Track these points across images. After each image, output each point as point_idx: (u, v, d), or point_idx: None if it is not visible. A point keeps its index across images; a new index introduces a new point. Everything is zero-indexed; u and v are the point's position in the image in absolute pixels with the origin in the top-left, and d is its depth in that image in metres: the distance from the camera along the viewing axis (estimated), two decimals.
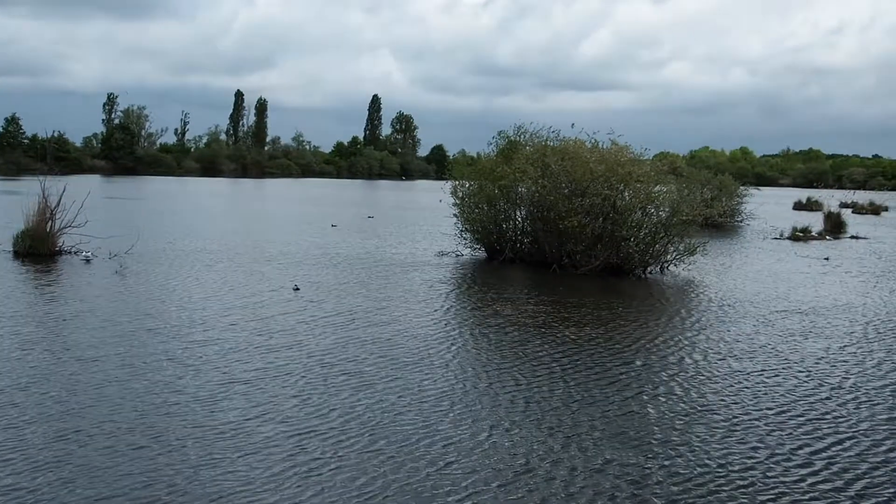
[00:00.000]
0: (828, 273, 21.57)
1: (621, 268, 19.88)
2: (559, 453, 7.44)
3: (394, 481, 6.70)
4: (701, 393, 9.61)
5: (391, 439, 7.65)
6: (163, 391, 8.88)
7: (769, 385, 10.01)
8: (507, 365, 10.60)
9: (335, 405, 8.63)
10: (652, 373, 10.54)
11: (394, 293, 15.97)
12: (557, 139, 22.33)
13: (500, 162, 22.23)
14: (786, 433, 8.20)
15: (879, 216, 54.63)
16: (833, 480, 7.03)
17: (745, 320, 14.27)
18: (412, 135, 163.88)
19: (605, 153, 20.95)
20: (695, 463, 7.29)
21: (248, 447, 7.32)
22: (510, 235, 22.27)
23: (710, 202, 34.95)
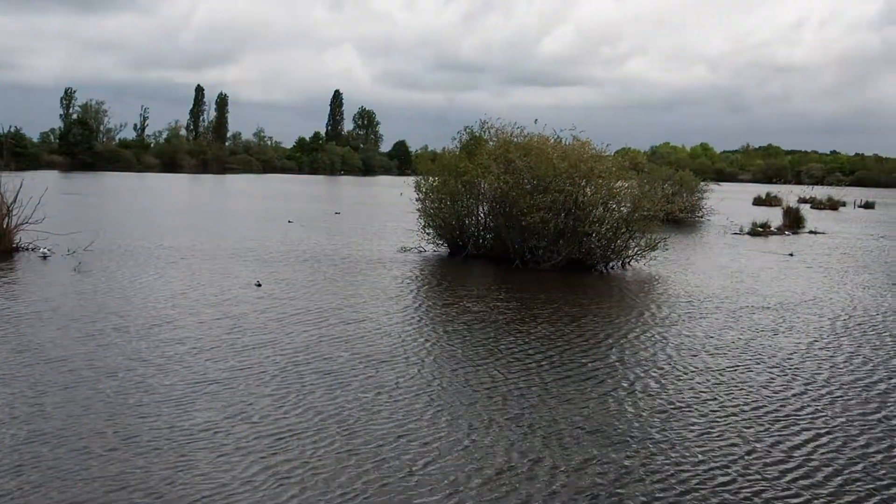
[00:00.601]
0: (793, 268, 21.76)
1: (583, 263, 19.97)
2: (539, 451, 7.41)
3: (374, 480, 6.64)
4: (677, 389, 9.62)
5: (369, 438, 7.59)
6: (134, 392, 8.74)
7: (744, 381, 10.05)
8: (482, 362, 10.57)
9: (311, 404, 8.55)
10: (627, 369, 10.55)
11: (361, 290, 15.90)
12: (521, 135, 22.36)
13: (463, 157, 22.21)
14: (763, 429, 8.24)
15: (837, 211, 55.36)
16: (813, 475, 7.07)
17: (714, 316, 14.33)
18: (374, 130, 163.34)
19: (567, 149, 21.02)
20: (675, 460, 7.29)
21: (223, 448, 7.22)
22: (473, 231, 22.28)
23: (670, 198, 35.18)
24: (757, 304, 15.56)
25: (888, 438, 8.08)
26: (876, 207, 62.82)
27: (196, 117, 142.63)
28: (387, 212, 39.36)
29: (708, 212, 41.14)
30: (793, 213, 36.81)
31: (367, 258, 20.90)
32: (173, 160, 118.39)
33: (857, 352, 11.89)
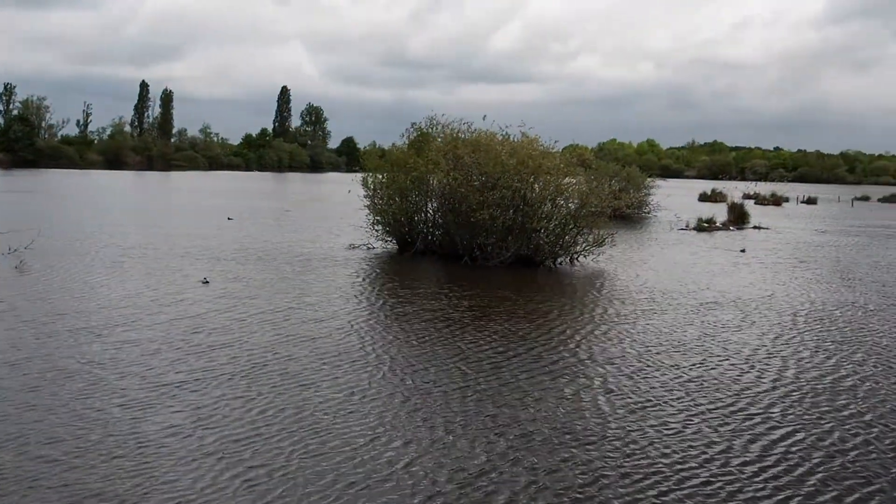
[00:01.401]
0: (745, 264, 21.92)
1: (532, 259, 20.03)
2: (518, 451, 7.33)
3: (353, 484, 6.54)
4: (650, 386, 9.57)
5: (345, 439, 7.48)
6: (96, 396, 8.52)
7: (713, 377, 10.07)
8: (450, 361, 10.49)
9: (281, 405, 8.41)
10: (596, 366, 10.51)
11: (317, 288, 15.76)
12: (470, 131, 22.37)
13: (411, 154, 22.16)
14: (737, 426, 8.23)
15: (781, 207, 56.20)
16: (792, 471, 7.11)
17: (673, 312, 14.37)
18: (322, 127, 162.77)
19: (516, 145, 21.06)
20: (652, 459, 7.23)
21: (191, 453, 7.05)
22: (422, 228, 22.24)
23: (618, 194, 35.39)
24: (714, 300, 15.64)
25: (861, 434, 8.11)
26: (818, 203, 63.93)
27: (141, 113, 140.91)
28: (335, 209, 39.11)
29: (654, 208, 41.56)
30: (737, 209, 37.29)
31: (317, 255, 20.76)
32: (117, 157, 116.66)
33: (821, 346, 12.00)
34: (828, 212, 53.58)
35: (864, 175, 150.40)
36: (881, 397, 9.42)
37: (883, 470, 7.18)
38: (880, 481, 6.93)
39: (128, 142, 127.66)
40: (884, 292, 17.53)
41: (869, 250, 27.00)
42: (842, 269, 21.38)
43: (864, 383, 9.99)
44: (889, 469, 7.20)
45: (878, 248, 28.22)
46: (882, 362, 11.12)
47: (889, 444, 7.84)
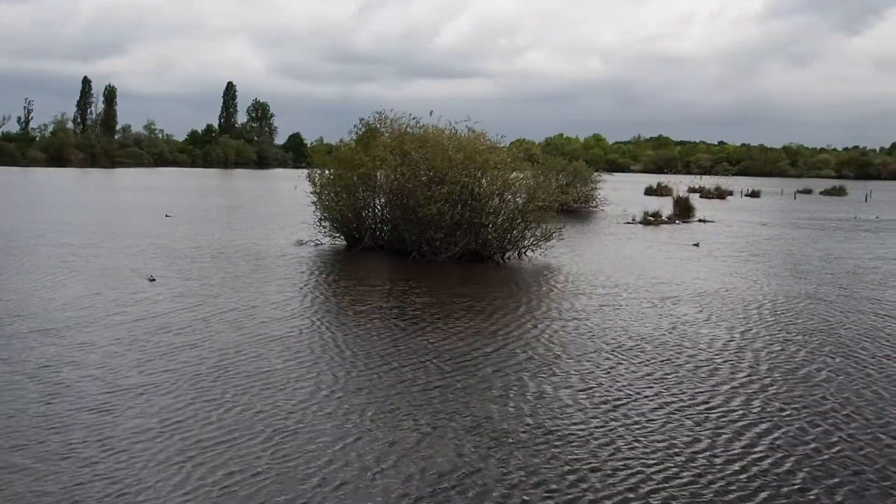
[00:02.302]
0: (701, 258, 22.00)
1: (480, 254, 20.06)
2: (495, 452, 7.21)
3: (326, 482, 6.45)
4: (618, 385, 9.46)
5: (316, 440, 7.37)
6: (61, 399, 8.29)
7: (687, 372, 10.04)
8: (414, 358, 10.38)
9: (249, 406, 8.27)
10: (561, 362, 10.42)
11: (273, 286, 15.53)
12: (417, 126, 22.32)
13: (358, 150, 22.07)
14: (717, 422, 8.18)
15: (725, 200, 56.93)
16: (779, 466, 7.08)
17: (637, 306, 14.36)
18: (269, 123, 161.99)
19: (463, 141, 21.07)
20: (630, 458, 7.16)
21: (160, 457, 6.87)
22: (369, 224, 22.16)
23: (565, 188, 35.59)
24: (675, 294, 15.67)
25: (843, 427, 8.12)
26: (762, 196, 64.86)
27: (83, 110, 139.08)
28: (282, 205, 38.85)
29: (601, 202, 41.85)
30: (683, 203, 37.69)
31: (267, 252, 20.61)
32: (60, 154, 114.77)
33: (790, 339, 12.06)
34: (772, 205, 54.35)
35: (805, 168, 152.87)
36: (856, 390, 9.45)
37: (868, 462, 7.22)
38: (868, 474, 6.95)
39: (70, 139, 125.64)
40: (837, 283, 17.80)
41: (819, 243, 27.37)
42: (795, 262, 21.63)
43: (837, 376, 10.04)
44: (874, 462, 7.23)
45: (827, 240, 28.63)
46: (849, 354, 11.22)
47: (871, 437, 7.88)
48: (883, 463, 7.20)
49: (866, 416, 8.49)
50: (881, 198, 66.86)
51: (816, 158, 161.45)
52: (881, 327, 13.04)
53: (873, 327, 13.03)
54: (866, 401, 9.02)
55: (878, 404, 8.91)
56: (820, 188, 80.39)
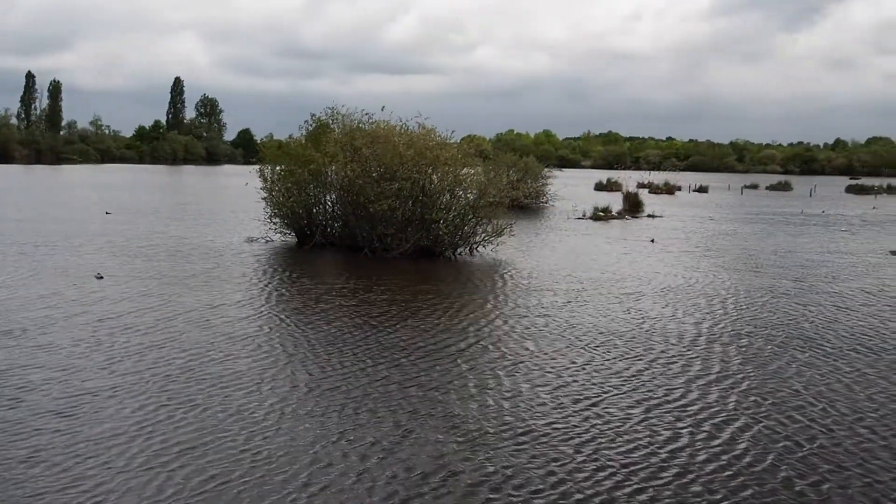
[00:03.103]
0: (657, 253, 22.06)
1: (432, 250, 20.07)
2: (477, 451, 7.11)
3: (306, 486, 6.34)
4: (595, 380, 9.43)
5: (296, 441, 7.25)
6: (26, 403, 8.05)
7: (660, 367, 10.03)
8: (390, 357, 10.23)
9: (224, 407, 8.11)
10: (536, 358, 10.35)
11: (229, 285, 15.25)
12: (369, 122, 22.25)
13: (309, 146, 21.96)
14: (694, 418, 8.14)
15: (674, 196, 57.48)
16: (763, 460, 7.10)
17: (600, 302, 14.35)
18: (218, 118, 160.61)
19: (413, 136, 21.05)
20: (612, 455, 7.12)
21: (131, 463, 6.65)
22: (321, 220, 22.07)
23: (516, 184, 35.71)
24: (638, 290, 15.70)
25: (819, 422, 8.14)
26: (710, 191, 65.60)
27: (27, 105, 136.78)
28: (232, 201, 38.53)
29: (552, 197, 42.04)
30: (632, 198, 38.04)
31: (219, 249, 20.40)
32: (4, 150, 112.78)
33: (756, 332, 12.15)
34: (720, 200, 54.93)
35: (752, 164, 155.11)
36: (827, 383, 9.54)
37: (848, 455, 7.27)
38: (850, 468, 6.98)
39: (14, 135, 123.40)
40: (793, 277, 18.08)
41: (771, 238, 27.68)
42: (749, 257, 21.84)
43: (807, 369, 10.12)
44: (854, 455, 7.29)
45: (779, 235, 28.99)
46: (816, 347, 11.35)
47: (847, 430, 7.95)
48: (863, 455, 7.27)
49: (840, 409, 8.57)
50: (825, 193, 67.90)
51: (762, 154, 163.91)
52: (842, 320, 13.26)
53: (834, 320, 13.24)
54: (839, 394, 9.13)
55: (851, 397, 9.03)
56: (766, 183, 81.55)
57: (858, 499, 6.42)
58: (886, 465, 7.08)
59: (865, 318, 13.45)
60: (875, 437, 7.76)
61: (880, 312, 14.03)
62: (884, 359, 10.78)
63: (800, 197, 60.77)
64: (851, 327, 12.70)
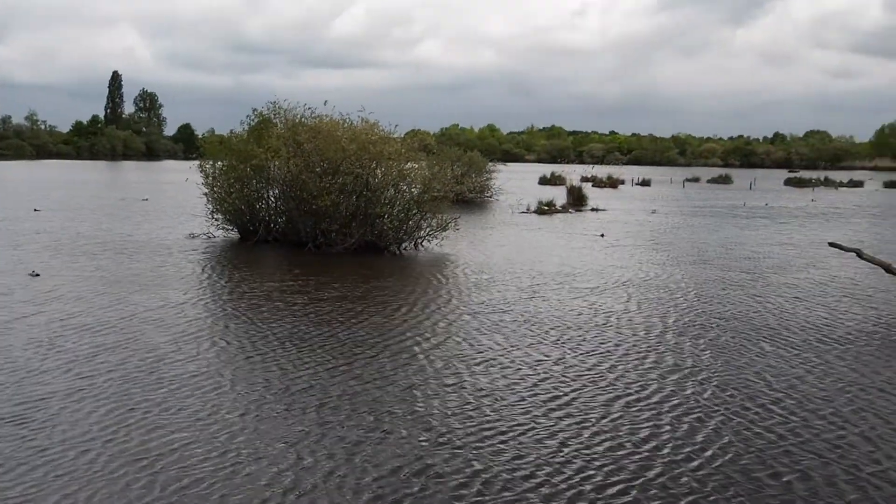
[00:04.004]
0: (608, 248, 21.99)
1: (376, 245, 19.94)
2: (460, 452, 6.90)
3: (314, 489, 6.17)
4: (570, 375, 9.30)
5: (284, 443, 7.04)
6: None
7: (634, 364, 9.89)
8: (358, 356, 9.95)
9: (201, 410, 7.85)
10: (499, 356, 10.11)
11: (180, 284, 14.79)
12: (312, 117, 22.03)
13: (251, 141, 21.70)
14: (672, 415, 8.02)
15: (617, 189, 58.02)
16: (746, 453, 7.03)
17: (557, 296, 14.21)
18: (157, 113, 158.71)
19: (356, 131, 20.89)
20: (593, 452, 7.00)
21: (102, 474, 6.32)
22: (264, 216, 21.82)
23: (460, 178, 35.72)
24: (594, 284, 15.59)
25: (796, 415, 8.11)
26: (652, 185, 66.30)
27: None
28: (173, 197, 37.98)
29: (496, 192, 42.12)
30: (576, 192, 38.23)
31: (163, 247, 19.99)
32: None
33: (721, 325, 12.11)
34: (663, 193, 55.43)
35: (693, 157, 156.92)
36: (798, 375, 9.53)
37: (830, 448, 7.25)
38: (835, 464, 6.92)
39: None
40: (743, 268, 18.29)
41: (719, 231, 27.82)
42: (699, 250, 21.91)
43: (777, 362, 10.10)
44: (837, 447, 7.27)
45: (726, 228, 29.22)
46: (781, 338, 11.39)
47: (825, 421, 7.94)
48: (844, 447, 7.27)
49: (815, 402, 8.57)
50: (765, 185, 69.01)
51: (703, 147, 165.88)
52: (802, 312, 13.34)
53: (794, 312, 13.34)
54: (812, 386, 9.14)
55: (824, 389, 9.04)
56: (707, 176, 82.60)
57: (844, 488, 6.43)
58: (867, 456, 7.11)
59: (824, 309, 13.58)
60: (852, 428, 7.78)
61: (837, 303, 14.18)
62: (850, 350, 10.87)
63: (740, 190, 61.61)
64: (812, 319, 12.81)
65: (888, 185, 70.94)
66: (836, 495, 6.30)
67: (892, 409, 8.43)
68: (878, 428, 7.82)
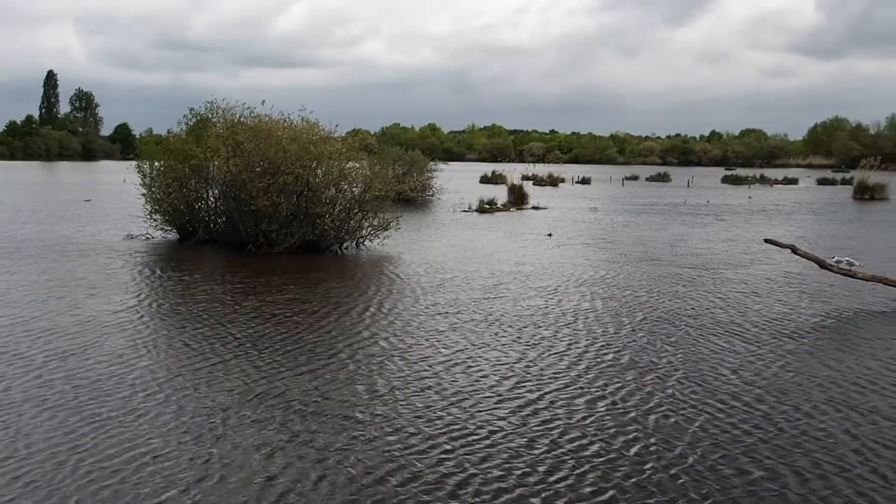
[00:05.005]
0: (557, 248, 21.86)
1: (318, 245, 19.88)
2: (423, 456, 6.85)
3: (288, 492, 6.11)
4: (546, 376, 9.25)
5: (254, 446, 6.94)
6: None
7: (608, 365, 9.81)
8: (323, 360, 9.75)
9: (172, 415, 7.69)
10: (463, 357, 9.99)
11: (129, 287, 14.57)
12: (251, 116, 21.88)
13: (190, 141, 21.50)
14: (657, 417, 7.96)
15: (557, 187, 58.42)
16: (736, 453, 7.04)
17: (525, 296, 14.11)
18: (94, 113, 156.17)
19: (297, 131, 20.80)
20: (572, 455, 6.94)
21: (71, 487, 6.11)
22: (203, 216, 21.64)
23: (401, 178, 35.71)
24: (552, 284, 15.49)
25: (777, 412, 8.14)
26: (592, 183, 66.87)
27: None
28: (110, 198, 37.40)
29: (438, 190, 42.21)
30: (517, 190, 38.42)
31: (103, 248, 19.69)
32: None
33: (690, 324, 12.09)
34: (603, 192, 55.85)
35: (632, 156, 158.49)
36: (774, 373, 9.57)
37: (820, 446, 7.29)
38: (825, 462, 6.92)
39: None
40: (693, 264, 18.53)
41: (665, 229, 27.88)
42: (647, 248, 21.95)
43: (751, 360, 10.10)
44: (804, 443, 7.32)
45: (671, 226, 29.36)
46: (737, 333, 11.53)
47: (809, 419, 7.97)
48: (811, 442, 7.33)
49: (777, 395, 8.65)
50: (702, 183, 69.90)
51: (642, 146, 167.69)
52: (755, 307, 13.53)
53: (749, 307, 13.52)
54: (790, 382, 9.21)
55: (802, 385, 9.11)
56: (646, 175, 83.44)
57: (815, 483, 6.50)
58: (832, 449, 7.19)
59: (776, 304, 13.80)
60: (816, 422, 7.88)
61: (787, 298, 14.43)
62: (805, 345, 11.05)
63: (679, 188, 62.34)
64: (766, 313, 13.00)
65: (821, 182, 72.41)
66: (803, 485, 6.43)
67: (854, 401, 8.59)
68: (845, 422, 7.94)
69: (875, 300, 14.22)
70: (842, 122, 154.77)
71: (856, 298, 14.36)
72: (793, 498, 6.20)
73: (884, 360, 10.22)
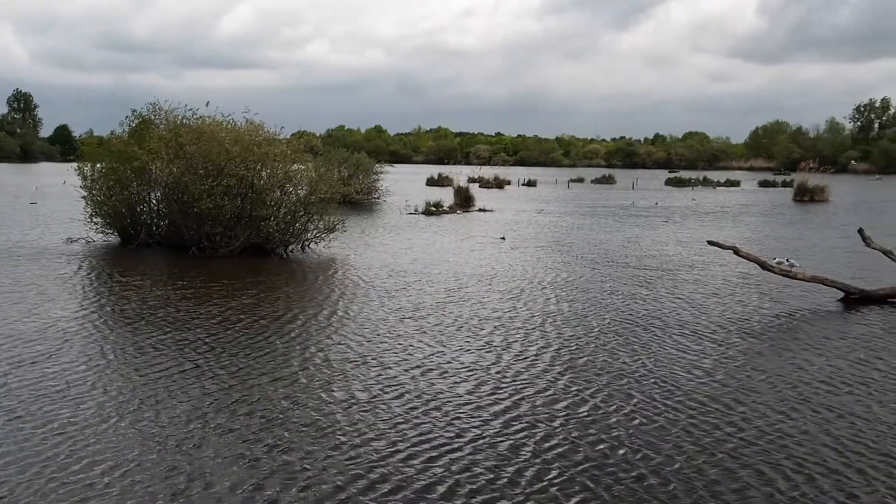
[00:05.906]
0: (512, 251, 21.62)
1: (262, 248, 19.69)
2: (402, 465, 6.73)
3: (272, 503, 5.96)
4: (521, 380, 9.21)
5: (232, 455, 6.79)
6: None
7: (582, 368, 9.77)
8: (289, 368, 9.52)
9: (143, 421, 7.53)
10: (433, 362, 9.88)
11: (76, 292, 14.29)
12: (194, 118, 21.63)
13: (132, 142, 21.20)
14: (639, 422, 7.88)
15: (503, 190, 58.61)
16: (720, 456, 7.02)
17: (490, 300, 14.04)
18: (33, 114, 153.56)
19: (240, 133, 20.60)
20: (552, 462, 6.87)
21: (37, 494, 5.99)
22: (145, 219, 21.33)
23: (347, 180, 35.55)
24: (514, 287, 15.41)
25: (757, 415, 8.15)
26: (538, 185, 67.23)
27: None
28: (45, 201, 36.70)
29: (384, 193, 42.11)
30: (463, 193, 38.48)
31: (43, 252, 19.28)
32: None
33: (663, 327, 12.11)
34: (549, 194, 56.09)
35: (578, 158, 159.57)
36: (746, 376, 9.58)
37: (804, 449, 7.33)
38: (809, 463, 6.95)
39: None
40: (652, 266, 18.66)
41: (618, 232, 27.85)
42: (602, 250, 21.91)
43: (723, 363, 10.15)
44: (782, 444, 7.36)
45: (624, 228, 29.47)
46: (702, 335, 11.61)
47: (788, 421, 8.00)
48: (787, 443, 7.38)
49: (769, 402, 8.62)
50: (647, 185, 70.63)
51: (587, 149, 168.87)
52: (717, 308, 13.66)
53: (711, 308, 13.64)
54: (764, 384, 9.26)
55: (776, 387, 9.18)
56: (591, 177, 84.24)
57: (804, 486, 6.53)
58: (813, 449, 7.27)
59: (737, 305, 13.95)
60: (794, 423, 7.94)
61: (746, 298, 14.62)
62: (772, 346, 11.21)
63: (624, 190, 62.93)
64: (728, 315, 13.11)
65: (763, 184, 73.52)
66: (793, 488, 6.46)
67: (828, 400, 8.70)
68: (823, 422, 8.00)
69: (824, 300, 14.46)
70: (782, 126, 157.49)
71: (808, 299, 14.57)
72: (780, 499, 6.26)
73: (850, 360, 10.42)
